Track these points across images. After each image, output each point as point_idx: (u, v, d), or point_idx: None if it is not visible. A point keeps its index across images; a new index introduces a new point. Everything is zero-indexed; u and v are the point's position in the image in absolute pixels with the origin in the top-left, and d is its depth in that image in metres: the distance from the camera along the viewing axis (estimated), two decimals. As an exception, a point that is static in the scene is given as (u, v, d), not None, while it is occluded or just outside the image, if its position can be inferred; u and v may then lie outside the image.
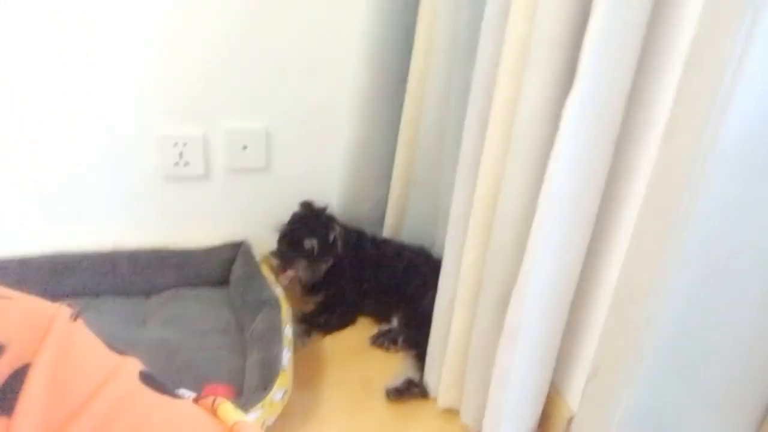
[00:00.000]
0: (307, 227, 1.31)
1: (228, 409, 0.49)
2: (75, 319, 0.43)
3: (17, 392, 0.37)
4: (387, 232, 1.45)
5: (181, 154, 1.30)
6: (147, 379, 0.46)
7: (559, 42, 0.78)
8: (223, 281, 1.35)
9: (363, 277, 1.34)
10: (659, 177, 0.76)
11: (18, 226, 1.26)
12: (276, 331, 1.12)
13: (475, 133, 0.92)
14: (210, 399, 0.50)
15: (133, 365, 0.46)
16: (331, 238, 1.31)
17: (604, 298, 0.91)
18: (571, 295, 0.92)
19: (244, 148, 1.34)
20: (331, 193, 1.43)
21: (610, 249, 0.89)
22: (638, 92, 0.81)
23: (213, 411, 0.49)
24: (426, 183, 1.35)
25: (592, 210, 0.86)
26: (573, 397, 1.00)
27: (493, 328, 0.95)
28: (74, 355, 0.42)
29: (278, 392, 1.00)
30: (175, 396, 0.47)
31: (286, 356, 1.06)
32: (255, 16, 1.23)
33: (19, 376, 0.37)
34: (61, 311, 0.42)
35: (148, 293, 1.30)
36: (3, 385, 0.37)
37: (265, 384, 1.00)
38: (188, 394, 0.51)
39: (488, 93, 0.88)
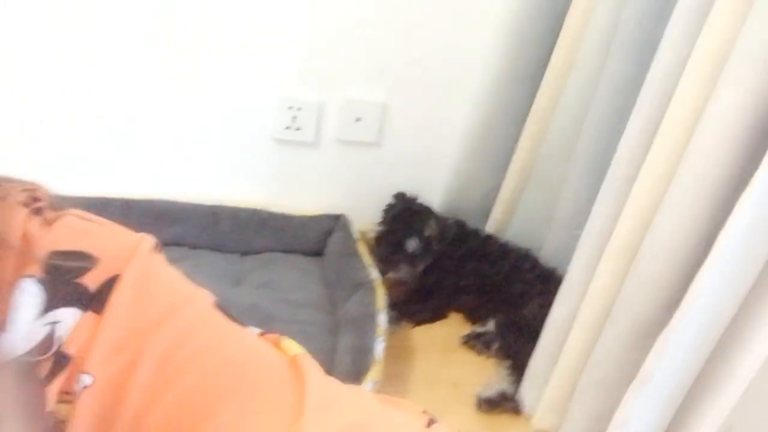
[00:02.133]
0: (406, 225, 1.23)
1: (290, 343, 0.52)
2: (158, 251, 0.47)
3: (107, 296, 0.41)
4: (491, 228, 1.37)
5: (294, 118, 1.25)
6: (220, 308, 0.49)
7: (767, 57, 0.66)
8: (317, 252, 1.31)
9: (462, 271, 1.27)
10: None
11: (127, 169, 1.26)
12: (370, 317, 1.07)
13: (636, 143, 0.81)
14: (274, 335, 0.53)
15: (209, 295, 0.49)
16: (427, 233, 1.23)
17: (756, 352, 0.80)
18: (714, 343, 0.82)
19: (358, 120, 1.27)
20: (440, 178, 1.35)
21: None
22: None
23: (276, 344, 0.52)
24: (546, 182, 1.25)
25: (763, 255, 0.75)
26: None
27: (617, 362, 0.86)
28: (157, 275, 0.46)
29: (369, 383, 0.95)
30: (244, 326, 0.50)
31: (380, 347, 1.02)
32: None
33: (110, 283, 0.42)
34: (146, 238, 0.46)
35: (244, 253, 1.29)
36: (96, 289, 0.42)
37: (357, 373, 0.96)
38: (255, 330, 0.53)
39: (663, 101, 0.76)
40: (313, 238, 1.31)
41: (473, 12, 1.19)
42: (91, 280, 0.42)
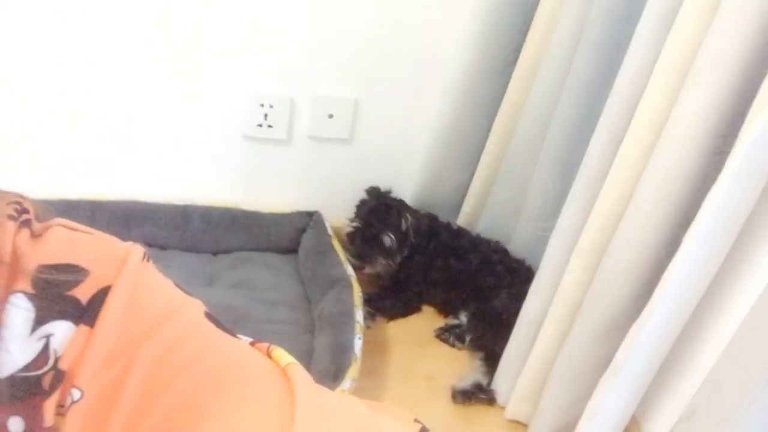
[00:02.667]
0: (381, 220, 1.24)
1: (281, 353, 0.52)
2: (147, 260, 0.47)
3: (99, 308, 0.41)
4: (462, 221, 1.39)
5: (266, 116, 1.24)
6: (210, 317, 0.49)
7: (731, 61, 0.69)
8: (291, 249, 1.31)
9: (433, 265, 1.28)
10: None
11: (92, 169, 1.23)
12: (348, 314, 1.08)
13: (606, 142, 0.84)
14: (265, 344, 0.53)
15: (200, 304, 0.49)
16: (404, 227, 1.25)
17: (715, 341, 0.84)
18: (679, 331, 0.86)
19: (330, 116, 1.27)
20: (411, 173, 1.36)
21: (738, 287, 0.81)
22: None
23: (267, 354, 0.52)
24: (514, 176, 1.27)
25: (728, 245, 0.79)
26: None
27: (588, 353, 0.89)
28: (147, 285, 0.46)
29: (348, 381, 0.96)
30: (234, 336, 0.50)
31: (358, 344, 1.03)
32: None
33: (101, 295, 0.42)
34: (135, 248, 0.46)
35: (216, 252, 1.28)
36: (88, 302, 0.41)
37: (336, 371, 0.97)
38: (246, 339, 0.53)
39: (631, 105, 0.79)
40: (287, 236, 1.31)
41: (443, 8, 1.20)
42: (82, 293, 0.42)
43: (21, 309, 0.39)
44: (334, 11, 1.17)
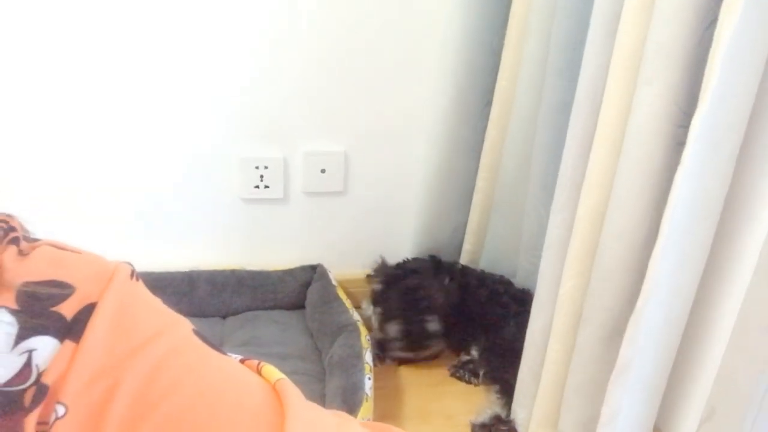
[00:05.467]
0: (410, 303, 1.22)
1: (271, 369, 0.52)
2: (136, 279, 0.47)
3: (85, 324, 0.41)
4: (465, 259, 1.40)
5: (261, 177, 1.30)
6: (199, 335, 0.49)
7: (675, 53, 0.74)
8: (299, 305, 1.32)
9: (447, 310, 1.26)
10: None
11: (95, 246, 1.27)
12: (357, 357, 1.08)
13: (576, 152, 0.87)
14: (255, 361, 0.53)
15: (188, 322, 0.49)
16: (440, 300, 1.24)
17: (721, 331, 0.83)
18: (683, 326, 0.85)
19: (323, 171, 1.33)
20: (409, 219, 1.40)
21: (731, 276, 0.81)
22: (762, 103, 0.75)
23: (257, 371, 0.52)
24: (508, 209, 1.30)
25: (710, 231, 0.80)
26: (682, 441, 0.92)
27: (596, 361, 0.88)
28: (135, 302, 0.45)
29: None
30: (224, 353, 0.50)
31: (368, 383, 1.02)
32: (336, 41, 1.23)
33: (86, 311, 0.42)
34: (122, 265, 0.46)
35: (224, 315, 1.29)
36: (73, 318, 0.41)
37: (348, 412, 0.96)
38: (236, 356, 0.52)
39: (594, 108, 0.83)
40: (293, 291, 1.33)
41: (418, 62, 1.28)
42: (68, 309, 0.42)
43: (3, 323, 0.40)
44: (315, 70, 1.24)
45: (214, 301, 1.29)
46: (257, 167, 1.29)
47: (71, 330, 0.41)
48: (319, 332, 1.22)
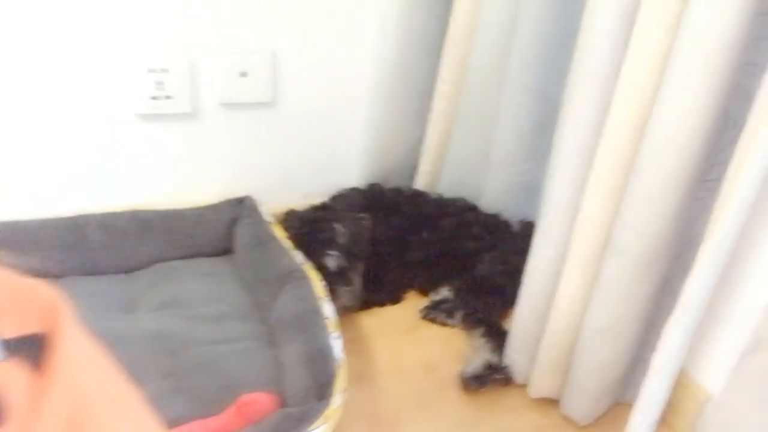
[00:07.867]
0: (314, 241, 1.00)
1: None
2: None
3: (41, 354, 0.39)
4: (420, 182, 1.19)
5: (159, 84, 0.97)
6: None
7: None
8: (225, 250, 1.06)
9: (405, 246, 1.08)
10: None
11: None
12: (314, 312, 0.85)
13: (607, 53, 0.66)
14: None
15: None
16: (341, 241, 1.00)
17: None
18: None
19: (243, 75, 1.02)
20: (355, 134, 1.15)
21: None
22: None
23: None
24: (477, 118, 1.10)
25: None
26: (709, 379, 0.80)
27: (627, 297, 0.72)
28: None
29: (338, 397, 0.74)
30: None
31: (337, 344, 0.80)
32: None
33: (31, 341, 0.39)
34: (59, 295, 0.42)
35: (127, 270, 1.00)
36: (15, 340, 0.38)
37: (319, 387, 0.74)
38: None
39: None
40: (216, 233, 1.05)
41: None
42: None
43: None
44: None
45: (112, 252, 0.99)
46: (152, 70, 0.96)
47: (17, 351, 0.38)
48: (256, 282, 0.97)
